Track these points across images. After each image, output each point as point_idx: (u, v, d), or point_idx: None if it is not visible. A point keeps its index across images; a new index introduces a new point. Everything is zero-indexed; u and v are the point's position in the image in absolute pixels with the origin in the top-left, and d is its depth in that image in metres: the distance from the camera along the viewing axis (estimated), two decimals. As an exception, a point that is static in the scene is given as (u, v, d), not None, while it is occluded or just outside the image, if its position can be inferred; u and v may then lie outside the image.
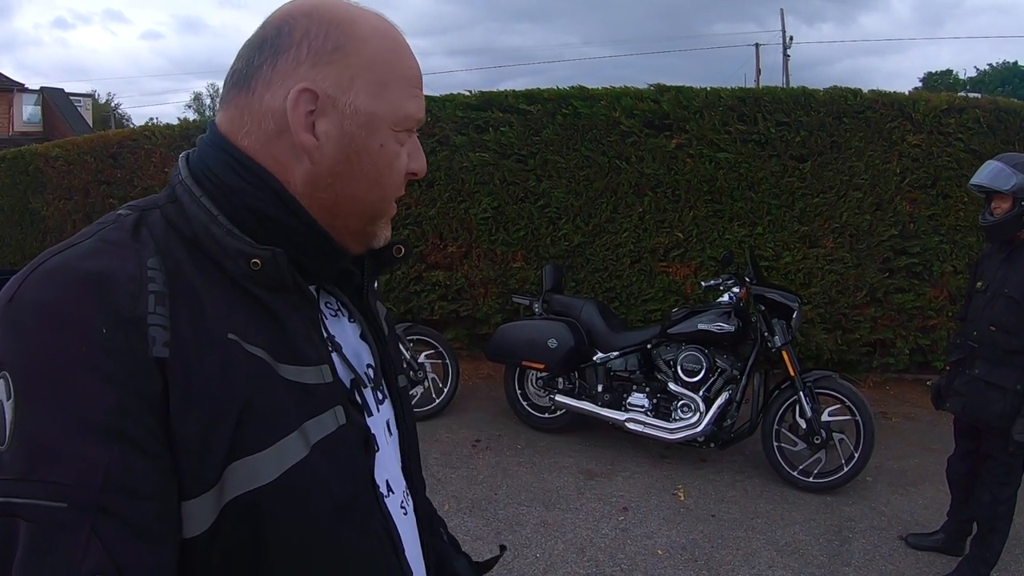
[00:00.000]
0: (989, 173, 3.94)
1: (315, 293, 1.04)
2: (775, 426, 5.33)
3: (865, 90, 7.10)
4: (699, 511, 4.94)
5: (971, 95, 8.14)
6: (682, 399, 5.51)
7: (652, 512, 4.90)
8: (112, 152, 10.26)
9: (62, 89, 27.85)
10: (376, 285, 1.24)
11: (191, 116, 60.14)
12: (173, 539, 0.81)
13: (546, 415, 6.28)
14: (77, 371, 0.76)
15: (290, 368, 0.91)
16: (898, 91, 7.25)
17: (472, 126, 7.68)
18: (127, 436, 0.76)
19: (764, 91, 7.34)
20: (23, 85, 27.17)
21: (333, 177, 0.96)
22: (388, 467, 1.09)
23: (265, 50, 0.95)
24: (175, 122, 10.83)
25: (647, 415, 5.63)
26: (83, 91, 31.93)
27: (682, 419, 5.48)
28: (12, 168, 11.49)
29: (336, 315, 1.09)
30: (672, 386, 5.57)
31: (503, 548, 1.55)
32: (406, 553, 1.06)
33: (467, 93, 7.90)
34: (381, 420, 1.10)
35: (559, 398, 6.01)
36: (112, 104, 58.38)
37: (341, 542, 0.94)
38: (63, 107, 26.59)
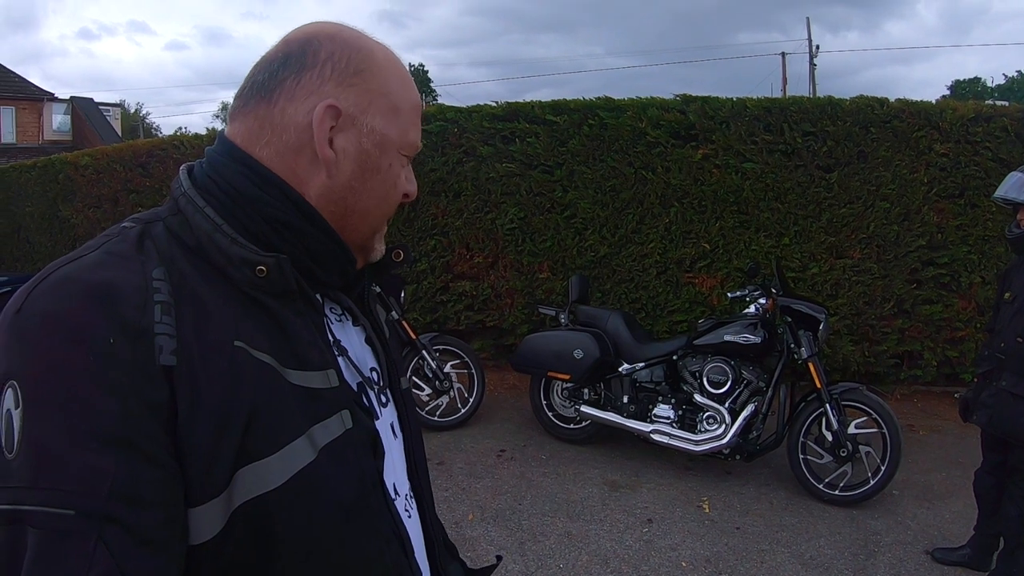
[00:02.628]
0: (1011, 185, 3.93)
1: (320, 299, 1.06)
2: (801, 438, 5.29)
3: (892, 99, 7.07)
4: (724, 523, 4.92)
5: (999, 103, 8.08)
6: (708, 411, 5.50)
7: (677, 524, 4.89)
8: (141, 161, 10.38)
9: (91, 99, 28.23)
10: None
11: (219, 126, 60.64)
12: (179, 546, 0.82)
13: (571, 426, 6.27)
14: (84, 380, 0.77)
15: (296, 373, 0.93)
16: (925, 100, 7.21)
17: (499, 137, 7.71)
18: (134, 444, 0.78)
19: (790, 101, 7.32)
20: (53, 95, 27.51)
21: (346, 191, 1.00)
22: (394, 470, 1.11)
23: (290, 65, 0.97)
24: (203, 131, 10.92)
25: (672, 426, 5.62)
26: (110, 101, 32.11)
27: (708, 431, 5.46)
28: (42, 176, 11.63)
29: (341, 320, 1.11)
30: (698, 397, 5.55)
31: (499, 558, 1.57)
32: (415, 554, 1.09)
33: (493, 104, 7.94)
34: (386, 422, 1.13)
35: (584, 409, 6.01)
36: (141, 114, 58.94)
37: (350, 543, 0.95)
38: (92, 117, 26.89)
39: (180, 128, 62.54)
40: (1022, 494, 3.93)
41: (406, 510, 1.12)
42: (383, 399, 1.14)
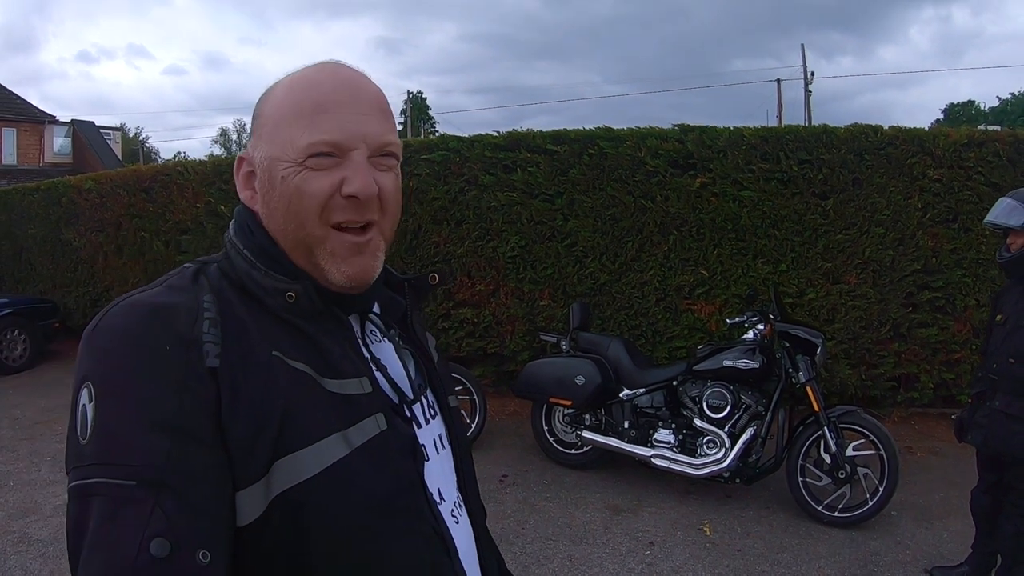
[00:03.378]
0: (1000, 211, 4.02)
1: (358, 320, 1.18)
2: (800, 461, 5.35)
3: (886, 126, 7.16)
4: (725, 546, 4.97)
5: (991, 128, 8.17)
6: (708, 435, 5.55)
7: (678, 547, 4.95)
8: (144, 186, 10.45)
9: (92, 122, 28.19)
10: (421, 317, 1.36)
11: (217, 151, 60.51)
12: (226, 520, 0.93)
13: (572, 451, 6.32)
14: (144, 378, 0.92)
15: (333, 382, 1.04)
16: (919, 126, 7.30)
17: (500, 166, 7.78)
18: (186, 430, 0.91)
19: (786, 130, 7.42)
20: (54, 117, 27.49)
21: (268, 219, 1.11)
22: (440, 477, 1.19)
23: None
24: (202, 156, 11.03)
25: (673, 451, 5.67)
26: (110, 124, 32.18)
27: (708, 455, 5.52)
28: (45, 199, 11.70)
29: (381, 341, 1.21)
30: (698, 422, 5.61)
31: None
32: (460, 557, 1.15)
33: (495, 134, 8.01)
34: (432, 433, 1.21)
35: (586, 434, 6.06)
36: (141, 138, 58.87)
37: (385, 538, 1.03)
38: (93, 140, 26.88)
39: (179, 153, 62.45)
40: (1018, 512, 3.98)
41: (453, 515, 1.19)
42: (431, 412, 1.23)
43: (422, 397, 1.21)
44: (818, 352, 5.38)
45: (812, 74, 33.83)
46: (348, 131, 1.06)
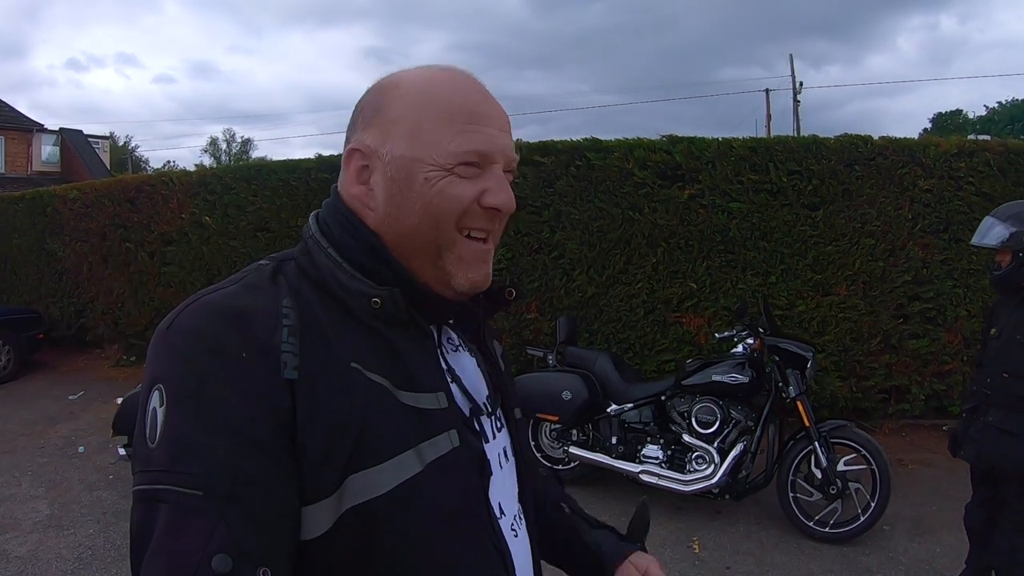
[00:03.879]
0: (982, 232, 4.02)
1: (435, 330, 1.14)
2: (791, 476, 5.29)
3: (875, 135, 7.17)
4: (714, 563, 4.91)
5: (981, 137, 8.16)
6: (696, 451, 5.49)
7: (667, 564, 4.75)
8: (130, 196, 10.44)
9: (80, 131, 28.14)
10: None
11: (207, 160, 60.37)
12: (291, 534, 0.92)
13: (560, 467, 6.22)
14: (219, 385, 0.90)
15: (408, 395, 1.02)
16: (907, 135, 7.39)
17: (486, 177, 7.67)
18: (257, 441, 0.89)
19: (775, 140, 7.40)
20: (42, 125, 27.42)
21: (389, 219, 1.07)
22: (502, 491, 1.17)
23: (350, 126, 1.13)
24: (191, 166, 11.06)
25: (661, 467, 5.60)
26: (99, 132, 32.15)
27: (697, 471, 5.45)
28: (30, 208, 11.66)
29: (457, 350, 1.19)
30: (686, 438, 5.55)
31: (645, 504, 1.61)
32: (516, 570, 1.13)
33: None
34: (498, 447, 1.19)
35: (573, 450, 5.99)
36: (130, 147, 58.72)
37: (450, 552, 1.02)
38: (81, 148, 26.81)
39: (169, 162, 62.28)
40: (1012, 527, 3.93)
41: (512, 529, 1.18)
42: (498, 424, 1.21)
43: (493, 411, 1.21)
44: (808, 366, 5.32)
45: (801, 84, 33.83)
46: (495, 144, 1.08)
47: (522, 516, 1.24)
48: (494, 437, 1.19)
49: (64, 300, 11.42)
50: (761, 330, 5.47)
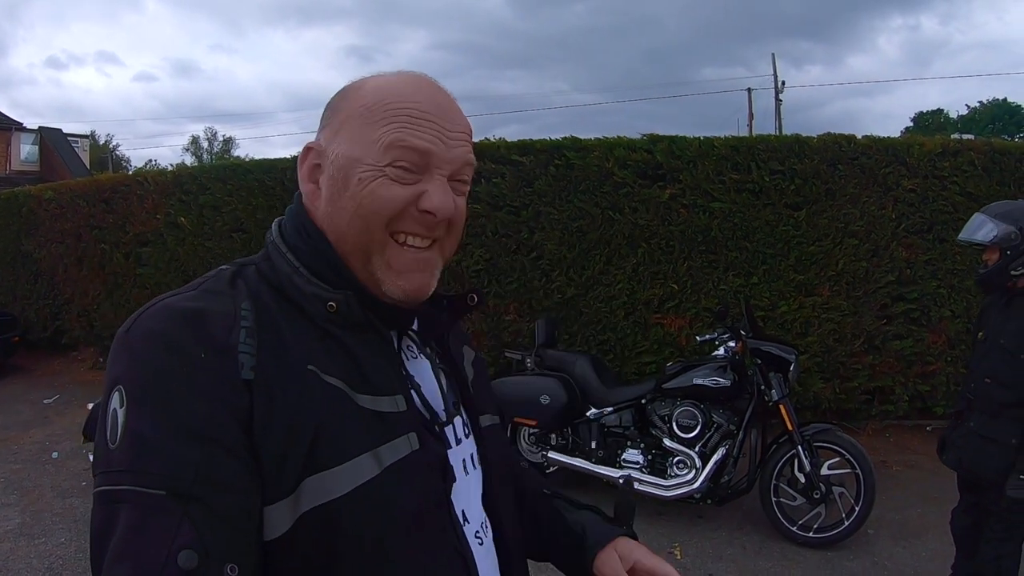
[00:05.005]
0: (971, 228, 3.93)
1: (396, 338, 1.14)
2: (773, 481, 5.25)
3: (857, 135, 7.15)
4: (696, 570, 4.86)
5: (965, 137, 8.15)
6: (678, 455, 5.43)
7: (647, 573, 4.80)
8: (105, 196, 10.40)
9: (60, 130, 28.07)
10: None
11: (188, 159, 60.24)
12: (255, 533, 0.92)
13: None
14: (178, 385, 0.90)
15: (366, 398, 1.01)
16: (889, 134, 7.35)
17: (464, 177, 7.61)
18: (217, 440, 0.89)
19: (757, 139, 7.40)
20: (21, 124, 27.45)
21: (328, 218, 1.08)
22: (467, 498, 1.16)
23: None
24: (172, 164, 11.00)
25: (642, 471, 5.54)
26: (79, 131, 32.01)
27: (678, 476, 5.40)
28: (5, 209, 11.60)
29: (416, 358, 1.17)
30: (667, 442, 5.48)
31: (628, 482, 1.61)
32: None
33: None
34: (463, 453, 1.18)
35: (552, 455, 5.92)
36: (111, 146, 58.51)
37: (410, 557, 1.01)
38: (61, 148, 26.76)
39: (150, 161, 62.22)
40: (997, 536, 3.86)
41: (478, 537, 1.16)
42: (465, 431, 1.20)
43: (456, 417, 1.19)
44: (791, 369, 5.27)
45: (783, 83, 33.91)
46: (437, 147, 1.06)
47: (488, 525, 1.20)
48: (458, 443, 1.17)
49: (40, 302, 11.36)
50: (743, 332, 5.42)
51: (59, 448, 7.35)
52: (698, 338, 5.80)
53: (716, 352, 5.56)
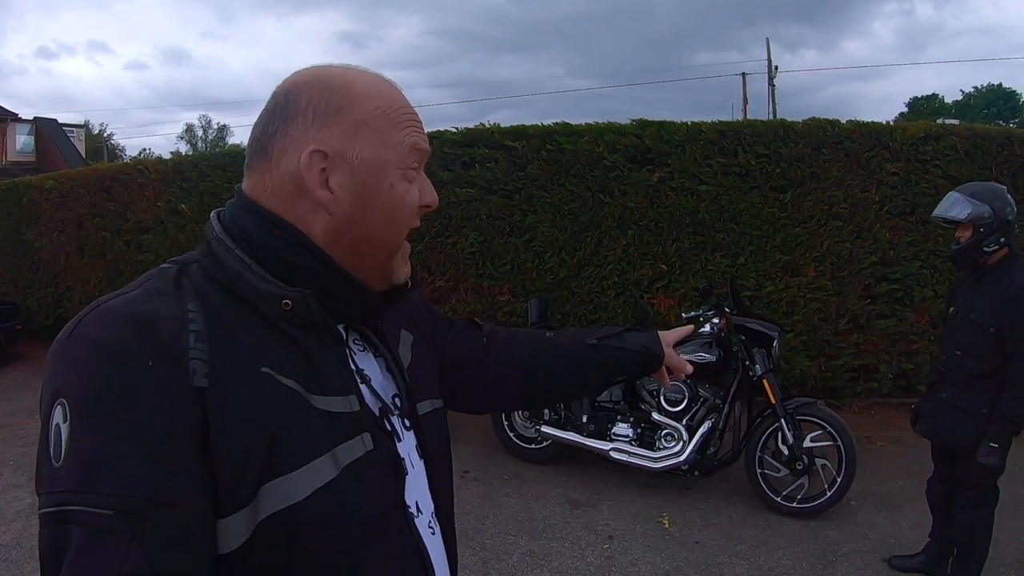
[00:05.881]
0: (946, 205, 4.05)
1: (343, 331, 1.13)
2: (758, 453, 5.37)
3: (844, 120, 7.21)
4: (684, 538, 4.98)
5: (948, 122, 8.24)
6: (666, 428, 5.57)
7: (637, 540, 4.96)
8: (105, 185, 10.37)
9: (55, 120, 27.84)
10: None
11: (183, 147, 59.93)
12: (208, 551, 0.89)
13: (532, 446, 6.32)
14: (125, 397, 0.86)
15: (320, 399, 1.00)
16: (883, 119, 7.38)
17: (459, 162, 7.76)
18: (168, 455, 0.85)
19: (744, 124, 7.43)
20: (16, 115, 27.15)
21: (352, 223, 1.05)
22: (418, 489, 1.18)
23: (276, 118, 1.05)
24: (167, 153, 11.00)
25: (631, 445, 5.68)
26: (72, 121, 31.86)
27: (666, 448, 5.53)
28: (6, 199, 11.57)
29: (364, 351, 1.18)
30: (656, 416, 5.62)
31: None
32: (435, 571, 1.15)
33: (454, 130, 7.98)
34: (408, 445, 1.17)
35: (545, 429, 6.05)
36: (105, 135, 58.14)
37: (371, 559, 1.02)
38: (56, 137, 26.56)
39: (144, 150, 61.94)
40: (969, 503, 4.03)
41: (430, 527, 1.19)
42: (407, 423, 1.19)
43: (402, 409, 1.20)
44: (774, 345, 5.39)
45: (776, 67, 33.81)
46: (427, 145, 1.12)
47: (435, 513, 1.23)
48: (403, 438, 1.17)
49: (42, 290, 11.31)
50: (727, 310, 5.54)
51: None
52: (684, 315, 5.89)
53: (702, 329, 5.65)
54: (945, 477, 4.33)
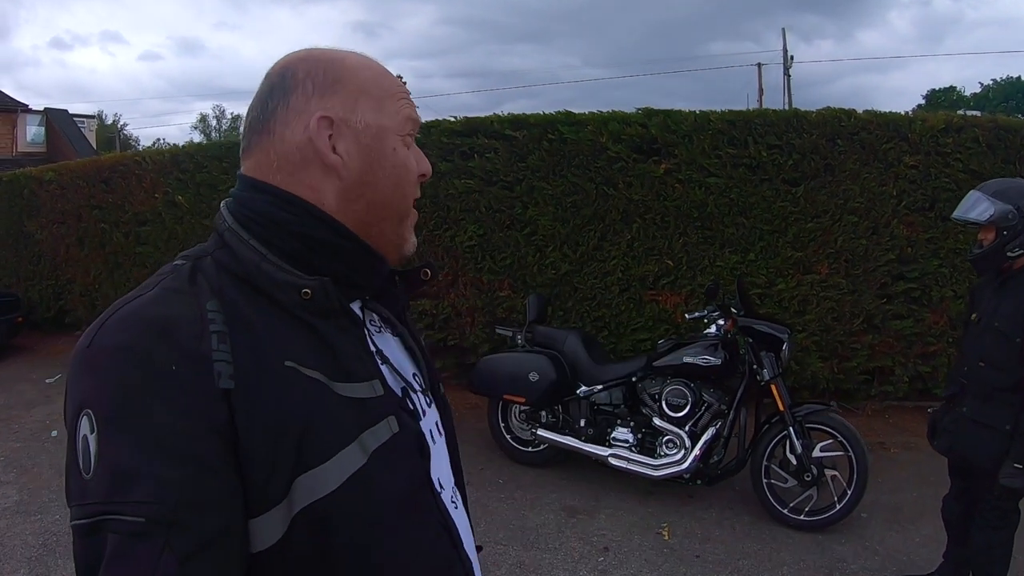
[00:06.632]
0: (966, 206, 3.81)
1: (360, 312, 1.14)
2: (764, 462, 5.18)
3: (860, 111, 7.01)
4: (683, 551, 4.79)
5: (970, 113, 8.00)
6: (667, 435, 5.37)
7: (634, 552, 4.77)
8: (104, 177, 10.42)
9: (65, 110, 28.37)
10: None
11: (197, 137, 60.79)
12: (240, 552, 0.90)
13: (530, 449, 6.16)
14: (152, 404, 0.86)
15: (344, 386, 1.00)
16: (896, 111, 7.17)
17: (457, 152, 7.63)
18: (198, 459, 0.86)
19: (755, 113, 7.28)
20: (27, 106, 27.55)
21: (363, 187, 1.07)
22: (440, 466, 1.19)
23: (276, 95, 1.07)
24: (182, 143, 11.05)
25: (631, 450, 5.50)
26: (86, 112, 32.21)
27: (667, 455, 5.34)
28: (7, 191, 11.65)
29: (380, 331, 1.19)
30: (657, 421, 5.43)
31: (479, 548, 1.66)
32: (463, 543, 1.17)
33: (452, 119, 7.89)
34: (430, 422, 1.21)
35: (541, 432, 5.90)
36: (119, 125, 58.85)
37: (403, 539, 1.03)
38: (67, 128, 26.94)
39: (158, 139, 62.68)
40: (989, 524, 3.79)
41: (452, 502, 1.21)
42: (427, 401, 1.22)
43: (422, 387, 1.22)
44: (784, 348, 5.18)
45: (792, 58, 33.67)
46: (418, 117, 1.16)
47: (456, 487, 1.27)
48: (425, 414, 1.18)
49: (43, 283, 11.41)
50: (734, 310, 5.34)
51: (59, 427, 7.30)
52: (687, 315, 5.73)
53: (708, 330, 5.46)
54: (962, 494, 4.09)
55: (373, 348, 1.12)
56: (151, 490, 0.83)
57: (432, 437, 1.18)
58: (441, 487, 1.17)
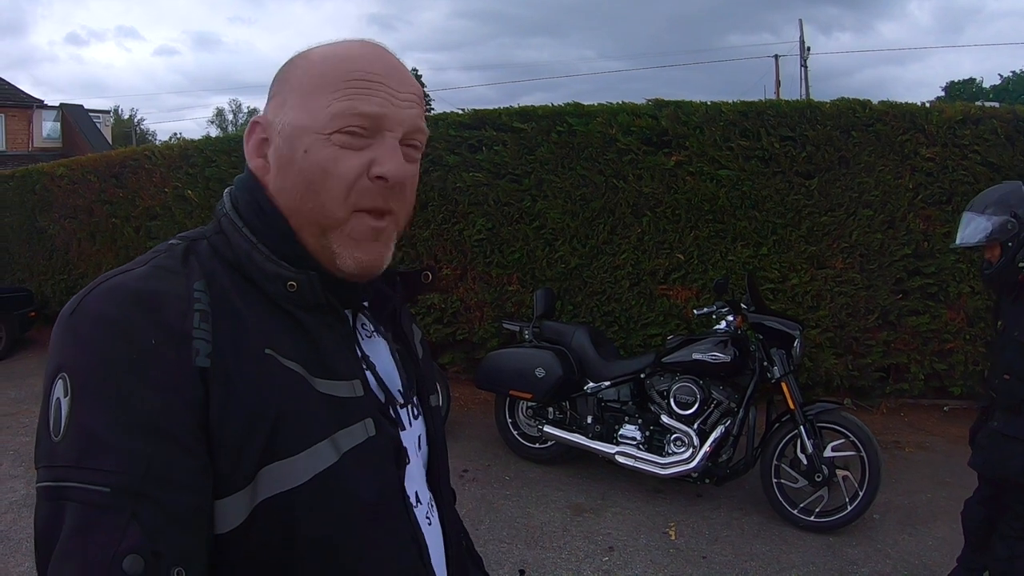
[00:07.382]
0: (962, 231, 3.76)
1: (351, 316, 1.12)
2: (775, 462, 5.08)
3: (875, 101, 6.90)
4: (690, 552, 4.70)
5: (988, 104, 7.85)
6: (675, 432, 5.28)
7: (640, 552, 4.69)
8: (115, 172, 10.47)
9: (81, 106, 28.57)
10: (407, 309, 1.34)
11: (214, 131, 61.24)
12: (206, 531, 0.88)
13: (537, 445, 6.09)
14: (128, 375, 0.85)
15: (324, 382, 0.99)
16: (913, 102, 7.05)
17: (465, 145, 7.58)
18: (170, 434, 0.85)
19: (767, 104, 7.16)
20: (42, 101, 27.77)
21: (279, 193, 1.03)
22: (418, 479, 1.17)
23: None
24: (198, 137, 11.17)
25: (639, 448, 5.40)
26: (103, 107, 32.51)
27: (675, 453, 5.25)
28: (20, 187, 11.75)
29: (371, 337, 1.16)
30: (665, 419, 5.34)
31: (522, 572, 1.60)
32: (432, 561, 1.13)
33: (459, 112, 7.84)
34: (413, 435, 1.17)
35: (548, 429, 5.83)
36: (135, 120, 59.25)
37: (368, 544, 1.00)
38: (82, 123, 27.12)
39: (175, 134, 63.11)
40: (1013, 534, 3.69)
41: (427, 518, 1.16)
42: (414, 412, 1.19)
43: (408, 400, 1.18)
44: (795, 345, 5.08)
45: (808, 49, 33.42)
46: (386, 109, 1.01)
47: (434, 504, 1.21)
48: (410, 425, 1.16)
49: (55, 277, 11.46)
50: (743, 306, 5.24)
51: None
52: (695, 311, 5.63)
53: (717, 326, 5.38)
54: (987, 500, 3.95)
55: (359, 353, 1.10)
56: (119, 461, 0.82)
57: (415, 451, 1.17)
58: (418, 501, 1.15)
